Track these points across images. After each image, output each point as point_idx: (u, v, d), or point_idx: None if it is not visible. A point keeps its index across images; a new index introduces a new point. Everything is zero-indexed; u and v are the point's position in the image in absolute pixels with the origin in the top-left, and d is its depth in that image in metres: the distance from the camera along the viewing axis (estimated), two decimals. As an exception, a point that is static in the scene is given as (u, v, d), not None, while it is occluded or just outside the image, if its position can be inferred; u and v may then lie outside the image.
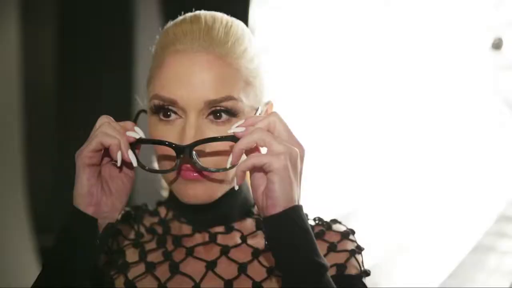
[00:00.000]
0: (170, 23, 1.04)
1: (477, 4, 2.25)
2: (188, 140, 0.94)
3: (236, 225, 1.07)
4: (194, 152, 0.94)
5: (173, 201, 1.07)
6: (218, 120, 0.97)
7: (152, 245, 1.07)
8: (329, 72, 2.32)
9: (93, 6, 2.41)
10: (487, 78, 2.35)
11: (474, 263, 2.39)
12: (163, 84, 0.97)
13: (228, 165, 0.93)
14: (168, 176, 1.00)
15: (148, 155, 1.07)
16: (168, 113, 0.97)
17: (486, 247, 2.39)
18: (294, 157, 0.89)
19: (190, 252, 1.04)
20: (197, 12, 1.03)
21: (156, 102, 0.97)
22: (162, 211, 1.12)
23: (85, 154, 0.91)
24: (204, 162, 0.96)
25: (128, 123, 0.96)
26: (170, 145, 0.94)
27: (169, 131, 0.97)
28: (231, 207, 1.06)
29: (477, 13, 2.26)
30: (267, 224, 0.89)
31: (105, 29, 2.39)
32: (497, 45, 2.26)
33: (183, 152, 0.93)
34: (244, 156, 0.92)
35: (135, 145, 0.95)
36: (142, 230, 1.09)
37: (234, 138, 0.92)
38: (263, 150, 0.92)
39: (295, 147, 0.90)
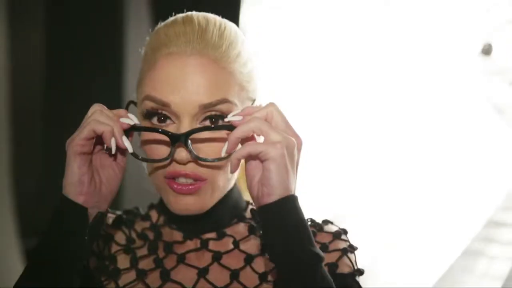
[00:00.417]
0: (161, 24, 1.02)
1: (468, 9, 2.26)
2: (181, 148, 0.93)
3: (228, 230, 1.06)
4: (189, 141, 0.92)
5: (164, 207, 1.04)
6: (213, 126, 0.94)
7: (144, 251, 1.05)
8: (321, 74, 2.32)
9: (82, 7, 2.39)
10: (476, 83, 2.36)
11: (463, 268, 2.39)
12: (156, 86, 0.95)
13: (223, 153, 0.92)
14: (159, 186, 0.98)
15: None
16: (162, 118, 0.95)
17: (475, 252, 2.40)
18: (291, 146, 0.88)
19: (181, 259, 1.03)
20: (189, 13, 1.01)
21: (148, 104, 0.95)
22: (154, 215, 1.10)
23: (77, 142, 0.89)
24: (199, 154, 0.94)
25: (121, 111, 0.95)
26: (165, 132, 0.92)
27: (163, 140, 0.95)
28: (223, 214, 1.05)
29: (467, 18, 2.27)
30: (262, 212, 0.87)
31: (94, 30, 2.37)
32: (487, 50, 2.26)
33: (178, 141, 0.92)
34: (239, 146, 0.91)
35: (128, 132, 0.93)
36: (134, 235, 1.07)
37: (230, 127, 0.91)
38: (259, 140, 0.91)
39: (293, 138, 0.89)
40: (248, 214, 1.09)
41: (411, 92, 2.41)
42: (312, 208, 1.13)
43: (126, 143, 0.91)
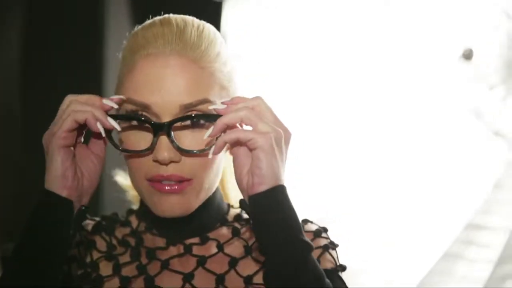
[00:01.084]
0: (138, 27, 1.01)
1: (449, 14, 2.28)
2: (162, 148, 0.92)
3: (211, 234, 1.05)
4: (172, 132, 0.91)
5: (145, 212, 1.03)
6: (194, 127, 0.94)
7: (126, 258, 1.03)
8: (312, 72, 2.32)
9: (61, 12, 2.36)
10: (457, 87, 2.37)
11: (442, 270, 2.40)
12: (135, 88, 0.93)
13: (205, 136, 0.90)
14: (142, 190, 0.97)
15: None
16: (142, 119, 0.93)
17: (454, 255, 2.42)
18: (279, 138, 0.88)
19: (165, 265, 1.01)
20: (166, 15, 1.01)
21: (128, 106, 0.94)
22: (134, 221, 1.08)
23: (59, 135, 0.88)
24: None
25: (96, 97, 0.92)
26: (147, 121, 0.91)
27: (143, 138, 0.94)
28: (207, 218, 1.04)
29: (449, 23, 2.28)
30: (253, 202, 0.87)
31: (74, 29, 2.34)
32: (467, 55, 2.28)
33: (161, 130, 0.90)
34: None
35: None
36: (114, 242, 1.05)
37: (216, 117, 0.90)
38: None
39: (281, 130, 0.89)
40: (230, 218, 1.08)
41: (392, 95, 2.42)
42: (304, 206, 1.12)
43: (113, 123, 0.90)
